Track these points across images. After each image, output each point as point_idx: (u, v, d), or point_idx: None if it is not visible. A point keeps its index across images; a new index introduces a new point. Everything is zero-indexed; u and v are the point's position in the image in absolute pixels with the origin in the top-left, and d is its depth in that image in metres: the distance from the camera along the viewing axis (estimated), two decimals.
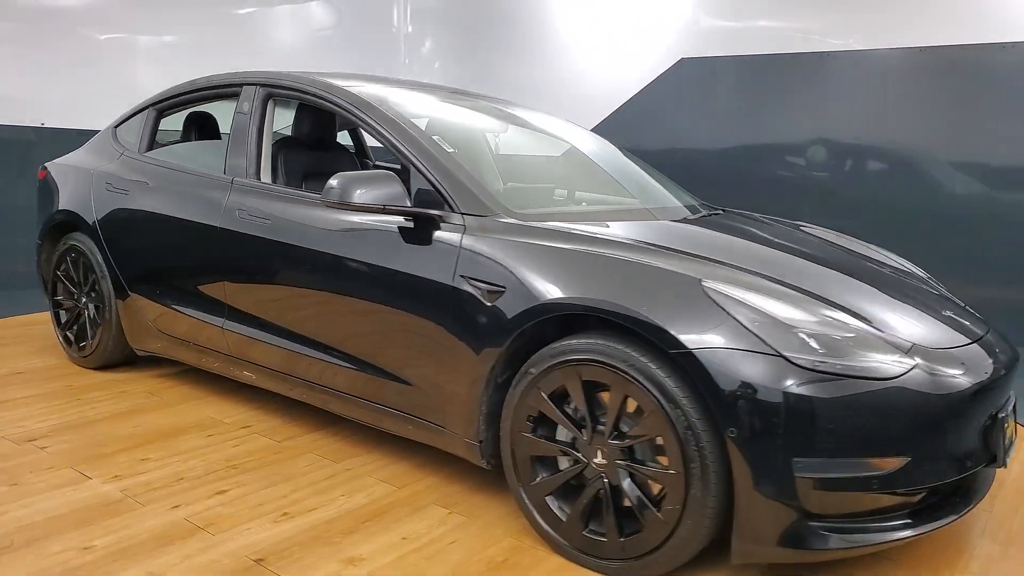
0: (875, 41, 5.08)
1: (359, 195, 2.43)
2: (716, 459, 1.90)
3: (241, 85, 3.26)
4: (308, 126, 3.36)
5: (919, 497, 1.99)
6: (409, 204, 2.47)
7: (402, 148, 2.62)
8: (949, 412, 1.97)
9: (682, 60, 5.96)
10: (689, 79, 5.92)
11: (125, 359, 3.75)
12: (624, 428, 2.08)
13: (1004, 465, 2.14)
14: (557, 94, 6.52)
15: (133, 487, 2.52)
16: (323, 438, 2.98)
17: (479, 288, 2.29)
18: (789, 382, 1.83)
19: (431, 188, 2.51)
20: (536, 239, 2.29)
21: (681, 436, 1.92)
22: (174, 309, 3.30)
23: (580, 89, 6.47)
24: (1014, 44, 4.67)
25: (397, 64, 7.78)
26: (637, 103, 6.09)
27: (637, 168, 3.46)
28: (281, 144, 3.25)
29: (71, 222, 3.76)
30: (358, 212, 2.60)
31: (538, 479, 2.22)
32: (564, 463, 2.21)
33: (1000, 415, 2.12)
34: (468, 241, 2.36)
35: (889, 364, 1.91)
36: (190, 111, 3.85)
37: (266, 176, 3.08)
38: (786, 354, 1.85)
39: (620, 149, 3.63)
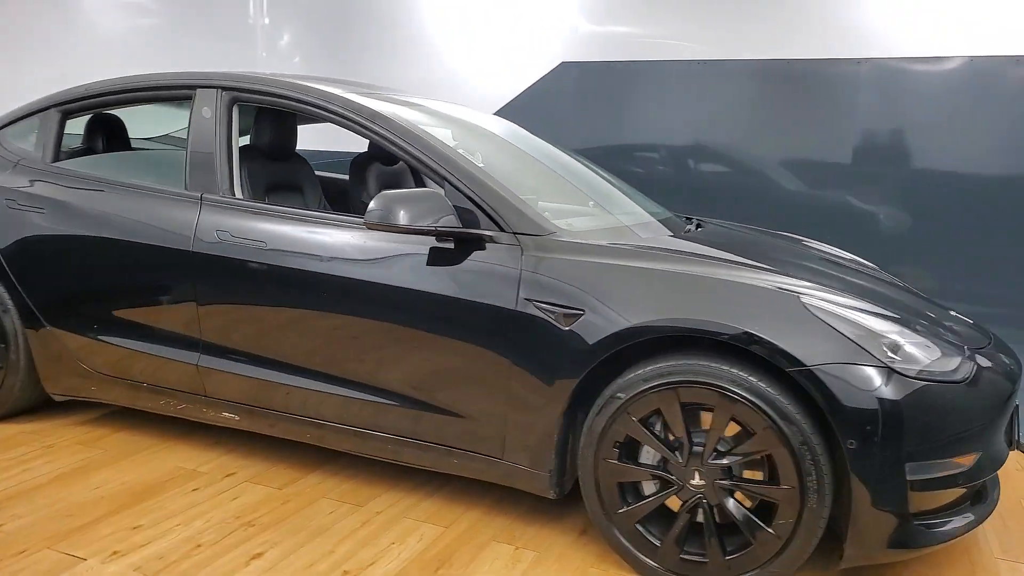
0: (742, 52, 5.45)
1: (404, 216, 2.24)
2: (829, 471, 1.96)
3: (194, 87, 2.86)
4: (271, 135, 3.02)
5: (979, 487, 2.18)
6: (459, 225, 2.30)
7: (432, 164, 2.43)
8: (1002, 407, 2.16)
9: (563, 64, 6.07)
10: (570, 82, 6.04)
11: (31, 407, 3.18)
12: (721, 448, 2.08)
13: (1020, 450, 2.39)
14: (432, 95, 6.36)
15: (146, 564, 2.14)
16: (326, 479, 2.71)
17: (552, 312, 2.18)
18: (898, 391, 1.92)
19: (472, 207, 2.36)
20: (611, 258, 2.22)
21: (796, 452, 1.96)
22: (118, 346, 2.84)
23: (458, 91, 6.38)
24: (866, 59, 5.21)
25: (253, 58, 7.22)
26: (519, 104, 6.11)
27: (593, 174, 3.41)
28: (242, 154, 2.90)
29: None
30: (386, 233, 2.39)
31: (626, 506, 2.17)
32: (650, 487, 2.18)
33: (1018, 407, 2.37)
34: (530, 262, 2.24)
35: (963, 367, 2.06)
36: (95, 114, 3.34)
37: (238, 191, 2.74)
38: (891, 364, 1.94)
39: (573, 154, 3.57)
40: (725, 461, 2.06)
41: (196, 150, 2.78)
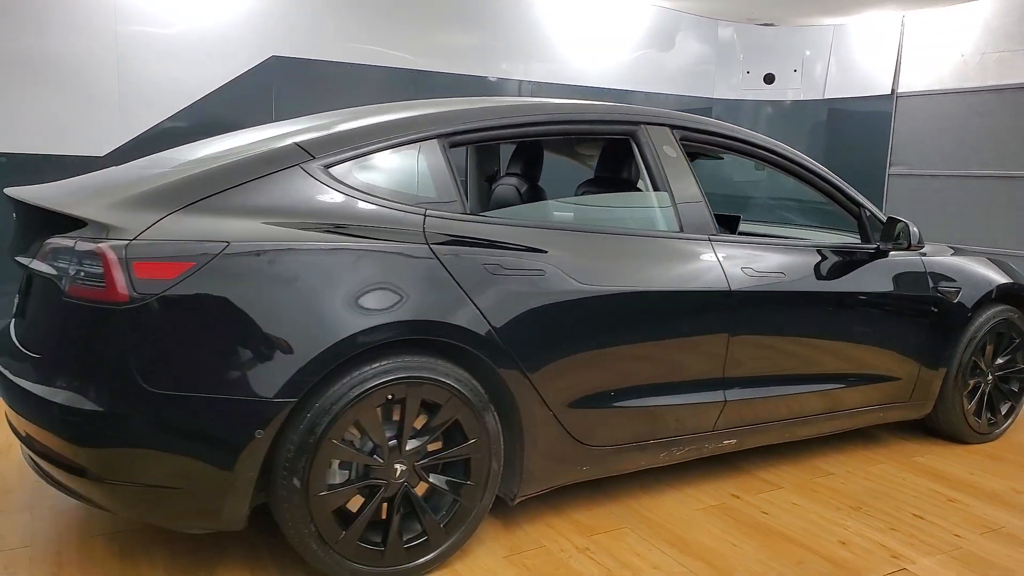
0: (459, 67, 6.40)
1: (914, 236, 3.12)
2: None
3: (638, 123, 2.76)
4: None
5: None
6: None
7: (857, 197, 3.23)
8: None
9: (273, 57, 5.91)
10: (278, 76, 5.92)
11: None
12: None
13: None
14: (105, 81, 5.13)
15: None
16: (717, 505, 3.15)
17: (949, 292, 3.37)
18: None
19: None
20: (944, 254, 3.52)
21: None
22: (636, 408, 2.61)
23: (148, 72, 5.39)
24: (532, 82, 6.79)
25: None
26: (223, 95, 5.63)
27: None
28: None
29: None
30: (852, 252, 3.18)
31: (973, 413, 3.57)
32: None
33: None
34: (928, 263, 3.36)
35: None
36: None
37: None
38: None
39: None
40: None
41: (682, 191, 2.76)
